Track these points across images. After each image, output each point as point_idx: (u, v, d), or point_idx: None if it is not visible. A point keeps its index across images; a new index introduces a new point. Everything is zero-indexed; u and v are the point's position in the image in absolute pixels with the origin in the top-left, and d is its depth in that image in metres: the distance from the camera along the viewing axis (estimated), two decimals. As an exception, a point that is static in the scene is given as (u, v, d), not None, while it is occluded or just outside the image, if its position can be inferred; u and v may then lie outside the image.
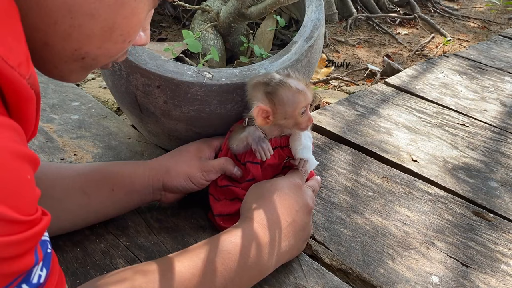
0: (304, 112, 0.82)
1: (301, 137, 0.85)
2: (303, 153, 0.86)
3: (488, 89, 1.62)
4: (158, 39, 1.42)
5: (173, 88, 0.88)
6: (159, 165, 0.86)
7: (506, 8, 2.99)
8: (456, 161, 1.19)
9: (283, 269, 0.82)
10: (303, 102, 0.81)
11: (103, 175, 0.82)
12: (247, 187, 0.89)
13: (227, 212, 0.88)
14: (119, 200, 0.83)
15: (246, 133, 0.85)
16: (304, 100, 0.81)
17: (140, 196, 0.85)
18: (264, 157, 0.83)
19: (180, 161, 0.88)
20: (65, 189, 0.78)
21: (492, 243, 0.93)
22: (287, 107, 0.81)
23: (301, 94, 0.81)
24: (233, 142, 0.87)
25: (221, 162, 0.88)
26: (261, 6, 1.08)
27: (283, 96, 0.80)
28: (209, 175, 0.88)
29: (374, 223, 0.96)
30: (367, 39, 2.41)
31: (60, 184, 0.78)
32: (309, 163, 0.88)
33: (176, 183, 0.86)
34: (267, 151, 0.83)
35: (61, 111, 1.28)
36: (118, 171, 0.83)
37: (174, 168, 0.86)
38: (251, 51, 1.26)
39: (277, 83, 0.80)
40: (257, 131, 0.84)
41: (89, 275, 0.79)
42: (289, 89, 0.80)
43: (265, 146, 0.83)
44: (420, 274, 0.84)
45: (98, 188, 0.80)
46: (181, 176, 0.86)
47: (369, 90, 1.54)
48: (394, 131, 1.30)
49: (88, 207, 0.80)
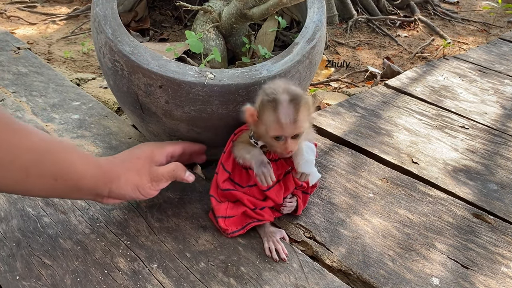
0: (282, 140, 0.80)
1: (303, 151, 0.85)
2: (304, 167, 0.86)
3: (488, 92, 1.62)
4: (159, 40, 1.42)
5: (175, 88, 0.88)
6: (110, 169, 0.81)
7: (505, 11, 2.99)
8: (456, 163, 1.19)
9: (284, 270, 0.83)
10: (277, 132, 0.79)
11: (52, 161, 0.74)
12: (249, 192, 0.89)
13: (230, 214, 0.88)
14: (55, 189, 0.77)
15: (250, 156, 0.85)
16: (278, 131, 0.79)
17: (79, 194, 0.80)
18: (264, 183, 0.83)
19: (131, 169, 0.82)
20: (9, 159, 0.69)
21: (492, 245, 0.93)
22: (264, 125, 0.80)
23: (277, 125, 0.78)
24: (237, 155, 0.88)
25: (171, 168, 0.85)
26: (263, 7, 1.08)
27: (264, 114, 0.79)
28: (158, 184, 0.85)
29: (374, 224, 0.96)
30: (367, 41, 2.41)
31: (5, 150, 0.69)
32: (311, 176, 0.88)
33: (124, 191, 0.81)
34: (268, 177, 0.82)
35: (62, 110, 1.28)
36: (70, 165, 0.76)
37: (124, 176, 0.81)
38: (253, 52, 1.26)
39: (271, 100, 0.78)
40: (261, 155, 0.85)
41: (89, 273, 0.79)
42: (272, 113, 0.78)
43: (266, 171, 0.83)
44: (421, 276, 0.84)
45: (41, 173, 0.73)
46: (129, 185, 0.81)
47: (369, 92, 1.54)
48: (394, 133, 1.30)
49: (23, 184, 0.73)
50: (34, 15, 2.43)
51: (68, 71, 1.74)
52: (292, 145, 0.81)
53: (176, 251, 0.85)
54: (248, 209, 0.88)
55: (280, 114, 0.77)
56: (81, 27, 2.28)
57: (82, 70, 1.81)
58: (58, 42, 2.10)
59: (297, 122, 0.78)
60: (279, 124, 0.78)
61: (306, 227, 0.93)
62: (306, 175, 0.87)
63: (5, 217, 0.89)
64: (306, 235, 0.92)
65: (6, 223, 0.88)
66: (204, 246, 0.87)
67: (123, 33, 0.94)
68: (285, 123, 0.78)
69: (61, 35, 2.19)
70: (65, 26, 2.33)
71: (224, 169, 0.89)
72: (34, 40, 2.10)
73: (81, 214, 0.91)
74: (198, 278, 0.80)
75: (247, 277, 0.80)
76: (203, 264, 0.83)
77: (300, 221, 0.95)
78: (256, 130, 0.84)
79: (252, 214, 0.88)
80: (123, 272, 0.80)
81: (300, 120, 0.79)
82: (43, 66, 1.53)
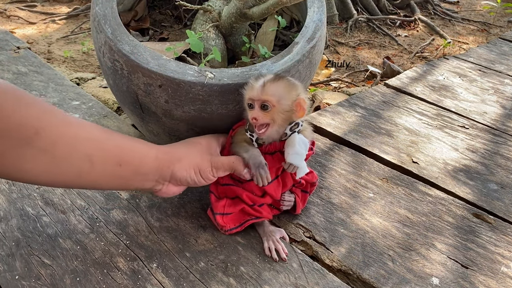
0: (251, 107, 0.82)
1: (295, 143, 0.85)
2: (293, 158, 0.86)
3: (488, 92, 1.62)
4: (159, 39, 1.42)
5: (174, 87, 0.88)
6: (172, 152, 0.82)
7: (505, 11, 2.99)
8: (456, 163, 1.19)
9: (284, 270, 0.83)
10: (247, 95, 0.82)
11: (114, 147, 0.75)
12: (248, 187, 0.89)
13: (228, 211, 0.88)
14: (120, 177, 0.76)
15: (247, 155, 0.85)
16: (248, 93, 0.82)
17: (143, 180, 0.79)
18: (261, 184, 0.83)
19: (193, 152, 0.83)
20: (69, 151, 0.69)
21: (492, 245, 0.93)
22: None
23: (248, 87, 0.82)
24: (237, 153, 0.88)
25: (231, 160, 0.86)
26: (263, 7, 1.08)
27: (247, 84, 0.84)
28: (218, 171, 0.85)
29: (374, 224, 0.96)
30: (367, 40, 2.41)
31: (66, 143, 0.68)
32: (299, 169, 0.88)
33: (186, 173, 0.81)
34: (265, 178, 0.83)
35: (62, 110, 1.28)
36: (131, 148, 0.77)
37: (187, 158, 0.81)
38: (253, 52, 1.26)
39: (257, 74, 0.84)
40: (259, 157, 0.85)
41: (89, 273, 0.79)
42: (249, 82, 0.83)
43: (263, 173, 0.83)
44: (420, 276, 0.84)
45: (105, 160, 0.73)
46: (192, 167, 0.81)
47: (369, 91, 1.54)
48: (394, 133, 1.30)
49: (87, 175, 0.72)
50: (34, 14, 2.43)
51: (68, 70, 1.73)
52: (259, 114, 0.80)
53: (175, 250, 0.85)
54: (247, 205, 0.88)
55: (255, 78, 0.82)
56: (81, 27, 2.28)
57: (81, 70, 1.81)
58: (58, 42, 2.10)
59: (265, 89, 0.80)
60: (250, 88, 0.82)
61: (306, 226, 0.93)
62: (294, 166, 0.87)
63: (5, 217, 0.89)
64: (306, 235, 0.91)
65: (6, 222, 0.88)
66: (203, 245, 0.86)
67: (123, 33, 0.93)
68: (254, 87, 0.81)
69: (61, 34, 2.19)
70: (65, 25, 2.33)
71: None
72: (33, 39, 2.10)
73: (80, 214, 0.91)
74: (197, 277, 0.80)
75: (247, 277, 0.80)
76: (203, 263, 0.82)
77: (300, 221, 0.95)
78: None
79: (250, 211, 0.88)
80: (122, 272, 0.80)
81: (270, 89, 0.80)
82: (42, 66, 1.53)
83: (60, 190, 0.97)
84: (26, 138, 0.64)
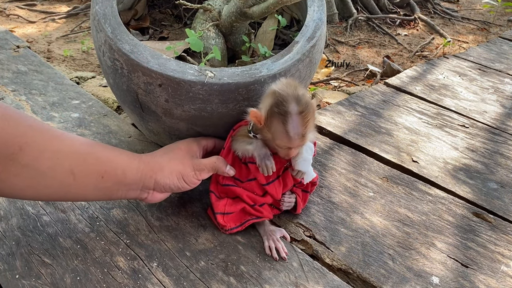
0: (286, 148, 0.81)
1: (302, 149, 0.86)
2: (301, 165, 0.87)
3: (488, 91, 1.62)
4: (159, 38, 1.42)
5: (174, 86, 0.88)
6: (153, 161, 0.83)
7: (505, 10, 2.99)
8: (456, 162, 1.19)
9: (284, 269, 0.83)
10: (285, 144, 0.79)
11: (96, 159, 0.76)
12: (248, 187, 0.89)
13: (229, 211, 0.88)
14: (104, 188, 0.78)
15: (252, 147, 0.85)
16: (286, 143, 0.79)
17: (127, 190, 0.81)
18: (266, 173, 0.84)
19: (174, 159, 0.84)
20: (52, 166, 0.71)
21: (492, 244, 0.93)
22: (271, 134, 0.80)
23: (286, 138, 0.78)
24: (238, 149, 0.88)
25: (213, 161, 0.87)
26: (263, 6, 1.08)
27: (272, 125, 0.79)
28: (201, 174, 0.86)
29: (374, 223, 0.96)
30: (367, 39, 2.41)
31: (48, 158, 0.71)
32: (306, 175, 0.89)
33: (169, 181, 0.82)
34: (270, 168, 0.83)
35: (61, 109, 1.28)
36: (113, 159, 0.79)
37: (168, 166, 0.83)
38: (253, 51, 1.26)
39: (280, 111, 0.77)
40: (264, 148, 0.84)
41: (89, 272, 0.79)
42: (281, 126, 0.77)
43: (269, 163, 0.83)
44: (420, 275, 0.84)
45: (87, 172, 0.75)
46: (174, 174, 0.82)
47: (369, 90, 1.54)
48: (394, 132, 1.30)
49: (70, 188, 0.75)
50: (33, 13, 2.43)
51: (68, 69, 1.73)
52: (296, 151, 0.82)
53: (176, 250, 0.85)
54: (247, 205, 0.88)
55: (290, 129, 0.77)
56: (81, 26, 2.28)
57: (81, 69, 1.81)
58: (57, 41, 2.10)
59: (305, 136, 0.78)
60: (287, 137, 0.78)
61: (306, 226, 0.93)
62: (302, 173, 0.88)
63: (5, 216, 0.89)
64: (306, 234, 0.92)
65: (6, 221, 0.88)
66: (204, 245, 0.86)
67: (123, 32, 0.93)
68: (293, 138, 0.77)
69: (60, 33, 2.19)
70: (64, 24, 2.33)
71: None
72: (33, 38, 2.10)
73: (80, 213, 0.91)
74: (198, 277, 0.80)
75: (247, 276, 0.80)
76: (203, 263, 0.83)
77: (300, 220, 0.95)
78: (261, 132, 0.83)
79: (251, 211, 0.88)
80: (123, 271, 0.80)
81: (308, 133, 0.79)
82: (42, 65, 1.52)
83: (60, 189, 0.97)
84: (10, 155, 0.66)
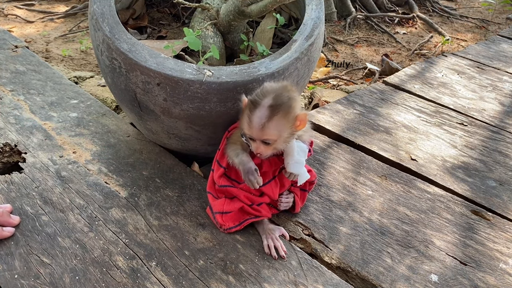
0: (251, 140, 0.82)
1: (293, 151, 0.86)
2: (293, 168, 0.87)
3: (486, 89, 1.62)
4: (157, 37, 1.42)
5: (173, 85, 0.88)
6: None
7: (503, 8, 2.99)
8: (454, 160, 1.19)
9: (283, 267, 0.83)
10: (246, 131, 0.81)
11: None
12: (245, 188, 0.89)
13: (227, 210, 0.88)
14: None
15: (238, 160, 0.86)
16: (247, 130, 0.80)
17: None
18: (252, 187, 0.84)
19: None
20: None
21: (491, 241, 0.93)
22: (241, 121, 0.83)
23: (247, 125, 0.80)
24: (228, 156, 0.88)
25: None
26: (262, 4, 1.08)
27: (244, 111, 0.82)
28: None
29: (373, 221, 0.96)
30: (365, 38, 2.41)
31: None
32: (300, 176, 0.89)
33: None
34: (255, 183, 0.83)
35: (60, 109, 1.27)
36: None
37: None
38: (251, 49, 1.26)
39: (253, 100, 0.79)
40: (249, 163, 0.85)
41: (88, 271, 0.79)
42: (248, 113, 0.79)
43: (253, 179, 0.83)
44: (419, 273, 0.84)
45: None
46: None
47: (368, 89, 1.54)
48: (393, 130, 1.30)
49: None
50: (31, 13, 2.42)
51: (66, 69, 1.73)
52: (262, 149, 0.81)
53: (174, 249, 0.85)
54: (245, 205, 0.88)
55: (253, 116, 0.79)
56: (79, 25, 2.27)
57: (80, 68, 1.80)
58: (56, 40, 2.10)
59: (265, 129, 0.78)
60: (248, 124, 0.80)
61: (305, 224, 0.93)
62: (295, 175, 0.88)
63: (3, 216, 0.89)
64: (305, 233, 0.92)
65: (5, 221, 0.88)
66: (202, 244, 0.86)
67: (121, 31, 0.93)
68: (253, 126, 0.79)
69: (59, 33, 2.18)
70: (63, 24, 2.32)
71: (220, 165, 0.90)
72: (32, 38, 2.09)
73: (79, 213, 0.91)
74: (196, 276, 0.80)
75: (246, 275, 0.80)
76: (202, 261, 0.83)
77: (299, 219, 0.95)
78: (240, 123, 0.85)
79: (250, 210, 0.88)
80: (121, 270, 0.80)
81: (270, 129, 0.78)
82: (41, 64, 1.52)
83: (59, 189, 0.97)
84: None
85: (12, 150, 1.09)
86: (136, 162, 1.07)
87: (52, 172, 1.01)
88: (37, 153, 1.07)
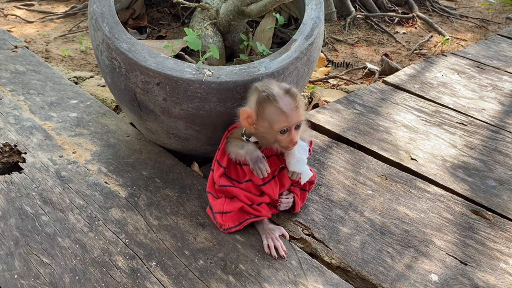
0: (286, 132, 0.80)
1: (295, 150, 0.86)
2: (295, 166, 0.87)
3: (486, 88, 1.62)
4: (157, 37, 1.42)
5: (172, 85, 0.88)
6: None
7: (503, 7, 2.99)
8: (454, 159, 1.19)
9: (283, 267, 0.83)
10: (283, 123, 0.79)
11: None
12: (245, 187, 0.89)
13: (227, 210, 0.88)
14: None
15: (244, 151, 0.85)
16: (284, 121, 0.79)
17: None
18: (260, 176, 0.84)
19: None
20: None
21: (491, 241, 0.93)
22: (267, 122, 0.80)
23: (283, 115, 0.78)
24: (231, 152, 0.88)
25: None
26: (261, 4, 1.08)
27: (266, 110, 0.79)
28: None
29: (373, 221, 0.96)
30: (365, 38, 2.41)
31: None
32: (303, 175, 0.89)
33: None
34: (264, 170, 0.83)
35: (60, 109, 1.27)
36: None
37: None
38: (251, 49, 1.26)
39: (267, 95, 0.78)
40: (256, 151, 0.85)
41: (88, 271, 0.79)
42: (274, 106, 0.78)
43: (262, 166, 0.83)
44: (419, 272, 0.84)
45: None
46: None
47: (367, 89, 1.54)
48: (393, 130, 1.30)
49: None
50: (31, 13, 2.42)
51: (66, 69, 1.73)
52: (296, 135, 0.82)
53: (174, 248, 0.85)
54: (245, 205, 0.88)
55: (282, 104, 0.78)
56: (79, 25, 2.27)
57: (80, 68, 1.80)
58: (55, 40, 2.10)
59: (298, 110, 0.80)
60: (283, 114, 0.79)
61: (305, 224, 0.93)
62: (297, 173, 0.88)
63: (3, 216, 0.89)
64: (305, 232, 0.91)
65: (4, 221, 0.88)
66: (202, 243, 0.86)
67: (121, 31, 0.93)
68: (288, 112, 0.78)
69: (58, 33, 2.18)
70: (62, 24, 2.32)
71: (220, 165, 0.90)
72: (31, 38, 2.09)
73: (79, 213, 0.91)
74: (196, 276, 0.80)
75: (246, 275, 0.80)
76: (202, 261, 0.82)
77: (299, 218, 0.95)
78: (256, 131, 0.83)
79: (250, 210, 0.88)
80: (121, 270, 0.80)
81: (300, 108, 0.80)
82: (40, 65, 1.52)
83: (59, 189, 0.97)
84: None
85: (12, 150, 1.09)
86: (136, 162, 1.07)
87: (52, 172, 1.01)
88: (37, 153, 1.07)
